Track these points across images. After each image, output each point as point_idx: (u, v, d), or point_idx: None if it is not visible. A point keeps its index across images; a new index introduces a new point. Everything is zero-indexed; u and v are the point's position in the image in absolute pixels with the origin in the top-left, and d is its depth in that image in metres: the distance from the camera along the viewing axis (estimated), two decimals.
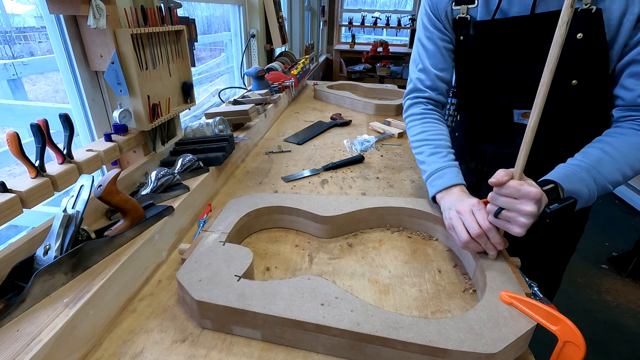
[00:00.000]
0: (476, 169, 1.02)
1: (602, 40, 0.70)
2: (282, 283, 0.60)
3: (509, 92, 0.86)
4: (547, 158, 0.82)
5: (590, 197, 0.67)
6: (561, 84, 0.77)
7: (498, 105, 0.89)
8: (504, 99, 0.87)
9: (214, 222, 0.77)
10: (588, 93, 0.78)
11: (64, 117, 0.71)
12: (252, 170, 1.18)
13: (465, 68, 0.93)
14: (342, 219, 0.82)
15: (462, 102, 1.05)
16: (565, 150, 0.78)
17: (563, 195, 0.65)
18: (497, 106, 0.90)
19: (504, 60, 0.83)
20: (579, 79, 0.76)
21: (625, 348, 1.80)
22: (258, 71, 1.69)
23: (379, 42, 5.16)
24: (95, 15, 0.78)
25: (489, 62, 0.86)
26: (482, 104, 0.95)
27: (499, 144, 0.96)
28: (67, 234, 0.59)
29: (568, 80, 0.77)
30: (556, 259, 1.04)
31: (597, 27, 0.69)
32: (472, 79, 0.93)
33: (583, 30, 0.70)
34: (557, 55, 0.52)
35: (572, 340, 0.49)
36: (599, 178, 0.67)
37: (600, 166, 0.68)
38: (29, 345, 0.47)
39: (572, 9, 0.50)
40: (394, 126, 1.59)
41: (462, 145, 1.06)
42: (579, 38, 0.71)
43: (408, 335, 0.51)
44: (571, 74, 0.76)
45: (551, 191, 0.64)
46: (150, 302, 0.65)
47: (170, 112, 1.02)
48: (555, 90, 0.73)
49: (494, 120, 0.94)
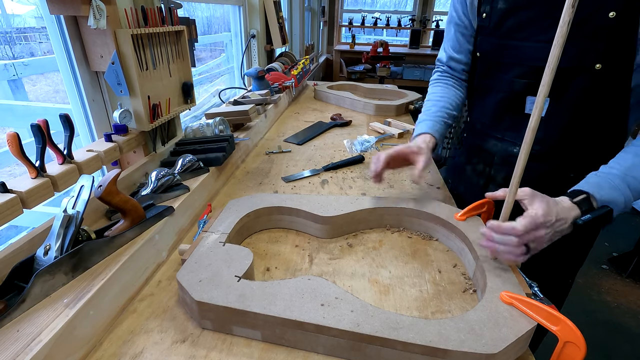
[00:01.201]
0: (483, 172, 1.00)
1: (634, 22, 0.66)
2: (282, 283, 0.60)
3: (527, 74, 0.81)
4: (568, 152, 0.80)
5: (627, 204, 0.66)
6: (585, 67, 0.73)
7: (512, 91, 0.86)
8: (520, 82, 0.83)
9: (214, 222, 0.77)
10: (611, 81, 0.74)
11: (64, 117, 0.71)
12: (252, 170, 1.18)
13: (484, 49, 0.90)
14: (342, 219, 0.82)
15: (474, 92, 1.02)
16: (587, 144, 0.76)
17: (597, 205, 0.64)
18: (511, 91, 0.86)
19: (528, 37, 0.79)
20: (603, 64, 0.71)
21: (626, 348, 1.80)
22: (258, 71, 1.70)
23: (379, 43, 5.16)
24: (95, 15, 0.78)
25: (511, 39, 0.82)
26: (495, 90, 0.91)
27: (503, 139, 0.93)
28: (68, 234, 0.59)
29: (592, 64, 0.72)
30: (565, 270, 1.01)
31: (633, 6, 0.65)
32: (489, 60, 0.90)
33: (617, 9, 0.66)
34: (557, 55, 0.52)
35: (572, 341, 0.49)
36: (634, 184, 0.66)
37: (636, 171, 0.66)
38: (29, 346, 0.47)
39: (574, 9, 0.50)
40: (394, 126, 1.59)
41: (471, 146, 1.05)
42: (611, 17, 0.67)
43: (408, 335, 0.51)
44: (596, 57, 0.71)
45: (583, 202, 0.63)
46: (150, 302, 0.65)
47: (170, 113, 1.03)
48: (578, 73, 0.72)
49: (504, 109, 0.90)
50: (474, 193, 0.99)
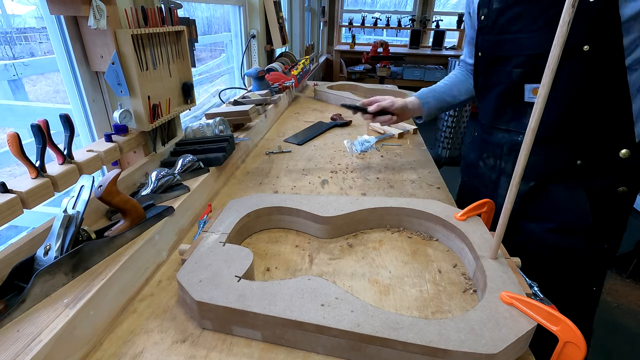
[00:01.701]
0: (495, 165, 1.01)
1: (614, 4, 0.69)
2: (282, 284, 0.60)
3: (523, 63, 0.86)
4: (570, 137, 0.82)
5: None
6: (574, 49, 0.75)
7: (511, 81, 0.90)
8: (517, 71, 0.88)
9: (214, 222, 0.77)
10: (602, 63, 0.76)
11: (64, 117, 0.71)
12: (252, 170, 1.18)
13: (483, 47, 0.96)
14: (343, 220, 0.82)
15: (479, 92, 1.06)
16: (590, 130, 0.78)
17: None
18: (510, 82, 0.90)
19: (521, 29, 0.85)
20: (590, 45, 0.74)
21: (626, 348, 1.80)
22: (258, 72, 1.70)
23: (379, 43, 5.16)
24: (95, 15, 0.78)
25: (506, 33, 0.88)
26: (496, 84, 0.96)
27: (508, 129, 0.95)
28: (68, 235, 0.59)
29: (580, 45, 0.75)
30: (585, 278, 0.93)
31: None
32: (488, 57, 0.96)
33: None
34: (558, 55, 0.52)
35: (572, 341, 0.49)
36: None
37: None
38: (29, 346, 0.47)
39: (574, 9, 0.50)
40: (394, 126, 1.59)
41: (480, 142, 1.07)
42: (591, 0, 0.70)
43: (408, 335, 0.51)
44: (582, 38, 0.74)
45: None
46: (150, 302, 0.65)
47: (170, 113, 1.03)
48: (569, 57, 0.74)
49: (506, 100, 0.94)
50: (486, 187, 1.03)
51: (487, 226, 0.79)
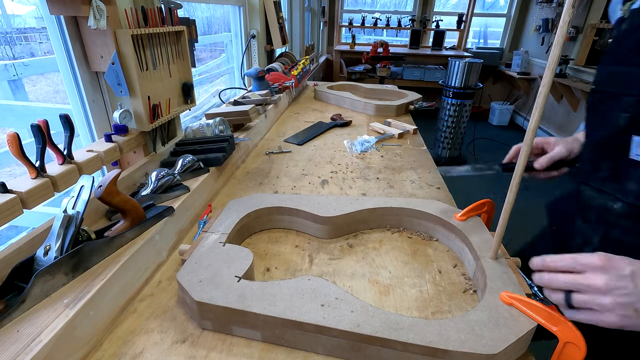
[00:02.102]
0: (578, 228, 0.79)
1: None
2: (282, 284, 0.60)
3: (634, 105, 0.64)
4: None
5: None
6: None
7: (615, 128, 0.69)
8: (624, 117, 0.67)
9: (214, 222, 0.77)
10: None
11: (64, 117, 0.71)
12: (252, 170, 1.18)
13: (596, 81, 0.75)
14: (343, 220, 0.82)
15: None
16: None
17: None
18: (613, 128, 0.69)
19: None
20: None
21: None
22: (258, 72, 1.70)
23: (379, 43, 5.16)
24: (95, 15, 0.78)
25: (622, 64, 0.68)
26: (596, 127, 0.74)
27: (602, 190, 0.72)
28: (68, 235, 0.59)
29: None
30: None
31: None
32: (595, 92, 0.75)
33: None
34: (558, 55, 0.52)
35: (572, 341, 0.49)
36: None
37: None
38: (29, 346, 0.47)
39: (574, 9, 0.50)
40: (394, 127, 1.59)
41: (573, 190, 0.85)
42: None
43: (408, 336, 0.51)
44: None
45: None
46: (150, 302, 0.65)
47: (170, 113, 1.03)
48: None
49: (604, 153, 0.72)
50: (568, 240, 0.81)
51: (487, 226, 0.79)
